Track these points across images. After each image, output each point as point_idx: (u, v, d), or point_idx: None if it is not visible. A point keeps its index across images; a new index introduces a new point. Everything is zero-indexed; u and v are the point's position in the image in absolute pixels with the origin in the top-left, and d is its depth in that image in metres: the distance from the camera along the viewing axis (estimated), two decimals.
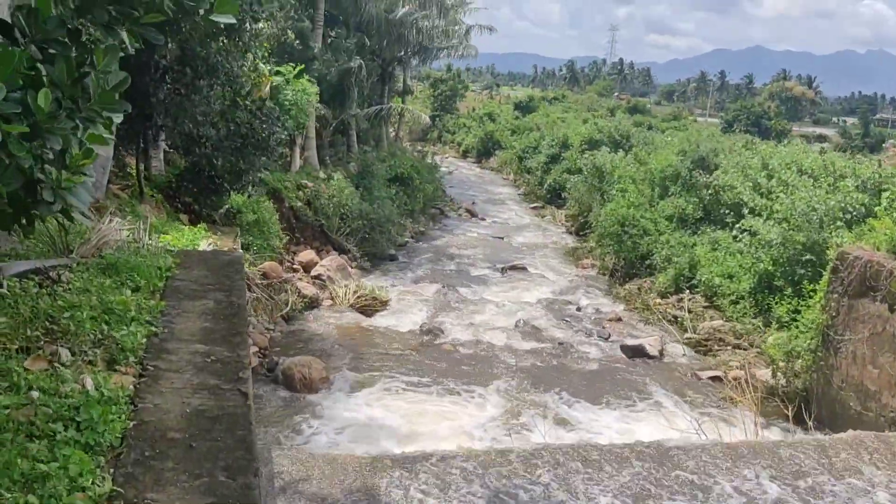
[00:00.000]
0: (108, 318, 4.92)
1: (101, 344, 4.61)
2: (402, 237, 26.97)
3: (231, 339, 4.83)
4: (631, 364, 15.72)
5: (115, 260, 6.09)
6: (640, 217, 23.10)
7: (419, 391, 13.41)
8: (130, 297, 5.36)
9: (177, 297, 5.62)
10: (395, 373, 14.18)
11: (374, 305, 18.49)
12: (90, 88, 3.58)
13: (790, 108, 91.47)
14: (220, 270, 6.35)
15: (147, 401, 3.97)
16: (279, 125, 16.64)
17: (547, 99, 72.61)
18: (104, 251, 6.59)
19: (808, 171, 19.00)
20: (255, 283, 10.94)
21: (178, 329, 4.98)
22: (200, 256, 6.73)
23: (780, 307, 14.53)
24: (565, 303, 20.96)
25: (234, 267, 6.45)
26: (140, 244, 7.29)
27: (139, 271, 5.90)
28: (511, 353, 15.88)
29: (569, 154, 37.54)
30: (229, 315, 5.29)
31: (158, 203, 16.29)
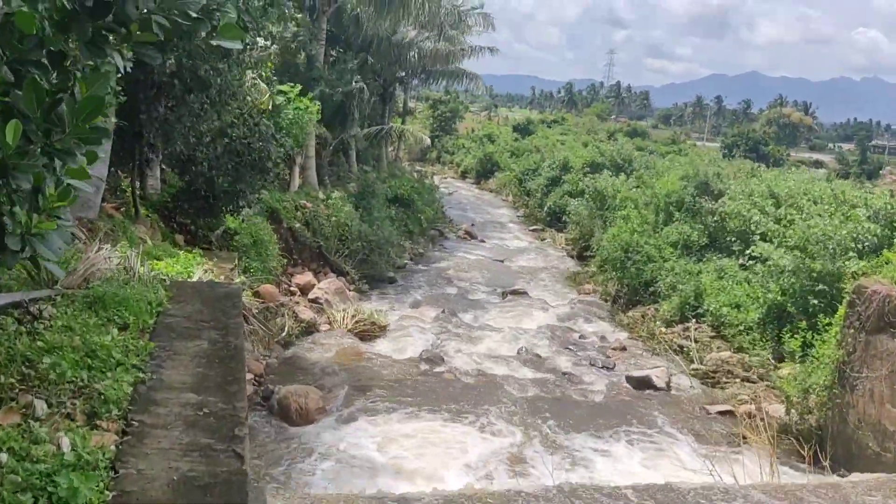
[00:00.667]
0: (91, 363, 4.47)
1: (81, 393, 4.17)
2: (401, 259, 26.54)
3: (226, 388, 4.39)
4: (637, 396, 15.25)
5: (102, 293, 5.65)
6: (644, 243, 22.72)
7: (420, 423, 12.92)
8: (117, 337, 4.92)
9: (168, 336, 5.17)
10: (394, 403, 13.69)
11: (373, 330, 18.03)
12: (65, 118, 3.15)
13: (788, 134, 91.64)
14: (217, 305, 5.90)
15: (130, 465, 3.51)
16: (275, 142, 16.23)
17: (546, 121, 72.57)
18: (92, 282, 6.16)
19: (817, 200, 18.67)
20: (253, 314, 10.47)
21: (169, 375, 4.54)
22: (195, 288, 6.29)
23: (793, 341, 14.07)
24: (568, 330, 20.51)
25: (231, 301, 6.02)
26: (131, 273, 6.86)
27: (128, 306, 5.46)
28: (514, 383, 15.41)
29: (570, 177, 37.24)
30: (225, 358, 4.85)
31: (153, 223, 15.86)
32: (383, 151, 38.83)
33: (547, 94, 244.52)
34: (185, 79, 14.55)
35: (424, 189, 34.18)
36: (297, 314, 17.05)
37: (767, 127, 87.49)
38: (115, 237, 13.02)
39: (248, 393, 11.35)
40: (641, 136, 64.20)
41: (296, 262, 22.07)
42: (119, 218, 14.38)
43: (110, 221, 13.70)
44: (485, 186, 55.61)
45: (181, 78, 14.56)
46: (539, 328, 20.38)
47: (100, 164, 13.86)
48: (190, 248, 16.81)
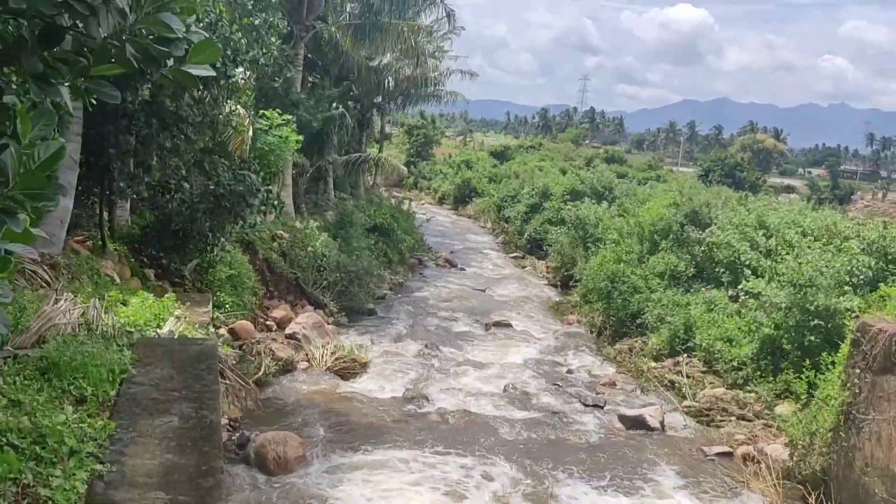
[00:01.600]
0: (39, 453, 3.75)
1: (25, 495, 3.45)
2: (381, 289, 25.82)
3: (200, 483, 3.69)
4: (631, 437, 14.63)
5: (58, 357, 4.93)
6: (630, 273, 22.26)
7: (405, 472, 12.18)
8: (73, 416, 4.21)
9: (132, 411, 4.47)
10: (378, 448, 12.94)
11: (354, 367, 17.27)
12: (7, 169, 2.50)
13: (762, 159, 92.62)
14: (189, 368, 5.21)
15: None
16: (256, 189, 15.53)
17: (524, 147, 72.48)
18: (48, 338, 5.43)
19: (808, 232, 18.33)
20: (229, 367, 9.67)
21: (132, 465, 3.83)
22: (165, 348, 5.58)
23: (799, 383, 13.56)
24: (554, 364, 19.90)
25: (205, 363, 5.33)
26: (95, 326, 6.13)
27: (87, 373, 4.76)
28: (503, 423, 14.72)
29: (550, 204, 36.85)
30: (199, 440, 4.15)
31: (122, 257, 15.05)
32: (360, 178, 38.23)
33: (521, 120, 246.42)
34: (159, 113, 13.87)
35: (403, 217, 33.55)
36: (274, 352, 16.26)
37: (742, 152, 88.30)
38: (80, 275, 12.24)
39: (222, 440, 10.57)
40: (618, 161, 64.26)
41: (272, 294, 21.30)
42: (85, 254, 13.57)
43: (76, 257, 12.90)
44: (463, 212, 55.16)
45: (156, 113, 13.89)
46: (525, 362, 19.77)
47: (65, 196, 13.10)
48: (161, 282, 16.04)
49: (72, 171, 13.23)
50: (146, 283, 15.28)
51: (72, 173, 13.21)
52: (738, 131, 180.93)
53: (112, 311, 6.90)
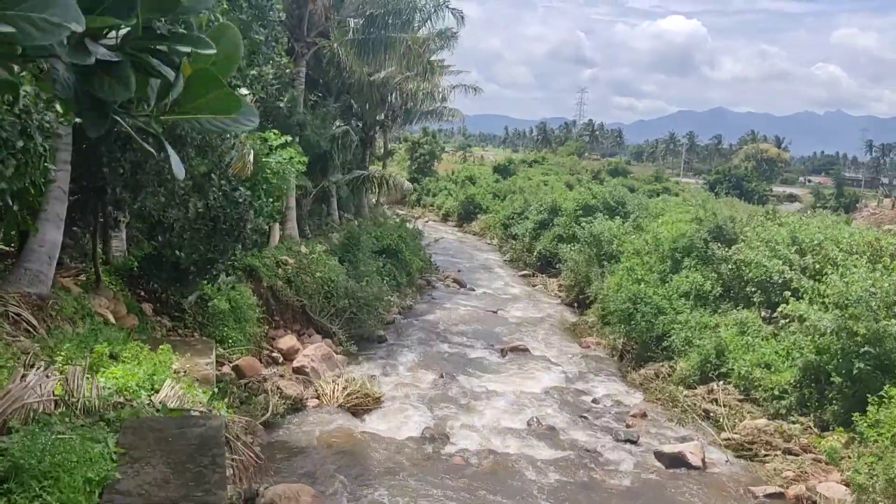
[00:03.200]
0: None
1: None
2: (390, 314, 24.71)
3: None
4: (671, 476, 13.50)
5: (21, 457, 3.83)
6: (652, 293, 21.16)
7: None
8: None
9: None
10: (398, 501, 11.81)
11: (367, 403, 16.15)
12: None
13: (766, 169, 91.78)
14: (189, 463, 4.13)
15: None
16: (252, 210, 14.49)
17: (527, 161, 71.60)
18: (14, 425, 4.36)
19: (849, 248, 17.24)
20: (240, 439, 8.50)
21: None
22: (159, 433, 4.49)
23: (863, 419, 12.42)
24: (577, 392, 18.78)
25: (209, 454, 4.25)
26: (73, 402, 5.05)
27: (58, 483, 3.65)
28: (530, 464, 13.59)
29: (561, 220, 35.81)
30: None
31: (117, 293, 13.97)
32: (364, 197, 37.26)
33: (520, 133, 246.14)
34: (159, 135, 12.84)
35: (410, 236, 32.47)
36: (282, 389, 15.16)
37: (746, 162, 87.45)
38: (70, 317, 11.17)
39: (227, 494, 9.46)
40: (623, 174, 63.34)
41: (277, 323, 20.21)
42: (76, 291, 12.50)
43: (65, 296, 11.83)
44: (468, 229, 54.12)
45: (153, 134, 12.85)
46: (546, 391, 18.66)
47: (52, 229, 12.03)
48: (159, 317, 14.98)
49: (60, 202, 12.20)
50: (144, 319, 14.22)
51: (60, 205, 12.19)
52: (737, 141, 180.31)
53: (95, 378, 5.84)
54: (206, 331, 15.76)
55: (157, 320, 14.84)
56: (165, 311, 15.41)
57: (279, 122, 21.70)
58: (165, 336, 14.67)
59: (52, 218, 11.97)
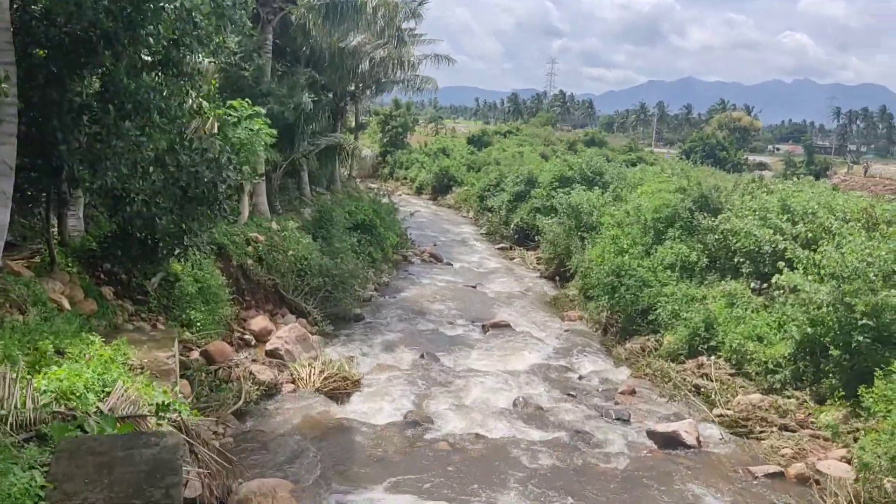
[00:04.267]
0: None
1: None
2: (366, 291, 23.87)
3: None
4: (666, 457, 12.93)
5: None
6: (636, 266, 20.56)
7: None
8: None
9: None
10: (382, 491, 11.10)
11: (345, 387, 15.37)
12: None
13: (739, 137, 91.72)
14: (137, 495, 3.30)
15: None
16: (231, 168, 13.51)
17: (501, 132, 70.60)
18: None
19: (843, 217, 16.69)
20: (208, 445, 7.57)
21: None
22: (101, 458, 3.64)
23: (870, 395, 11.89)
24: (562, 369, 18.17)
25: (163, 481, 3.43)
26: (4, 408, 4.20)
27: None
28: (521, 449, 12.93)
29: (538, 192, 35.10)
30: None
31: (74, 276, 12.97)
32: (336, 171, 36.15)
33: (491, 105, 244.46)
34: (117, 101, 11.77)
35: (385, 211, 31.52)
36: (254, 375, 14.32)
37: (719, 131, 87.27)
38: (19, 305, 10.21)
39: (196, 494, 8.66)
40: (599, 144, 62.66)
41: (248, 304, 19.29)
42: (27, 276, 11.50)
43: (14, 282, 10.84)
44: (442, 203, 53.24)
45: (112, 101, 11.79)
46: (531, 368, 18.03)
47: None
48: (121, 301, 14.02)
49: (6, 178, 11.10)
50: (103, 304, 13.25)
51: (6, 181, 11.09)
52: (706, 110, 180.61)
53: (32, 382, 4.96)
54: (171, 314, 14.84)
55: (118, 304, 13.87)
56: (127, 294, 14.44)
57: (244, 93, 20.55)
58: (128, 320, 13.74)
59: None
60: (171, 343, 8.88)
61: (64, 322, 9.28)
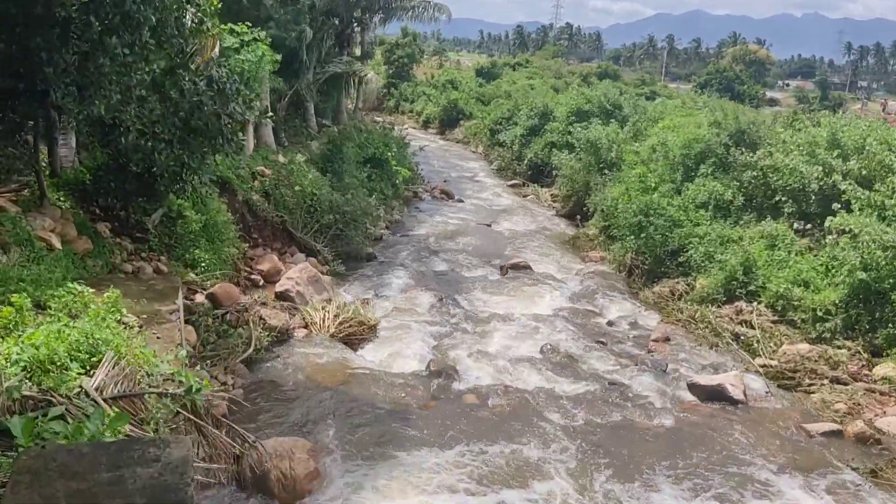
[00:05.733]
0: None
1: None
2: (377, 229, 22.69)
3: None
4: (711, 413, 11.97)
5: None
6: (666, 205, 19.34)
7: (446, 486, 9.42)
8: None
9: None
10: (408, 449, 10.16)
11: (361, 332, 14.36)
12: None
13: (755, 71, 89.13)
14: None
15: None
16: (238, 101, 12.21)
17: (510, 64, 68.25)
18: None
19: None
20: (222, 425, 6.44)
21: None
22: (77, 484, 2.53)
23: None
24: (589, 313, 17.16)
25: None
26: None
27: None
28: (552, 402, 11.97)
29: (553, 126, 33.57)
30: None
31: (66, 212, 11.82)
32: (342, 103, 34.54)
33: (495, 38, 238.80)
34: (104, 15, 10.39)
35: (395, 145, 30.05)
36: (264, 319, 13.27)
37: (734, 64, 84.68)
38: (5, 240, 9.07)
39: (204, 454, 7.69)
40: (613, 77, 60.51)
41: (256, 242, 18.18)
42: (13, 211, 10.34)
43: (0, 215, 9.69)
44: (450, 137, 51.55)
45: (98, 14, 10.41)
46: (555, 312, 17.02)
47: None
48: (119, 239, 12.89)
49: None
50: (99, 242, 12.14)
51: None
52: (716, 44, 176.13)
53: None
54: (174, 253, 13.75)
55: (116, 242, 12.77)
56: (125, 231, 13.32)
57: (243, 18, 18.99)
58: (126, 260, 12.66)
59: None
60: (175, 293, 7.66)
61: (50, 266, 8.15)
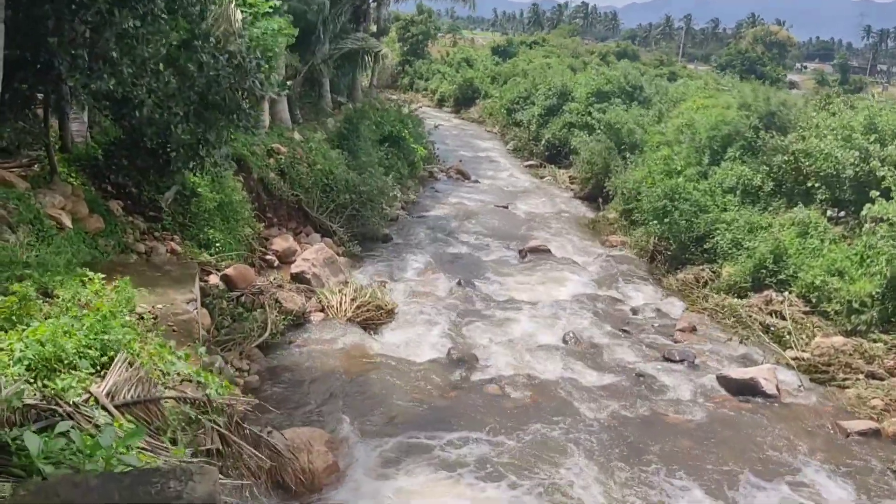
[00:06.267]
0: None
1: None
2: (393, 209, 22.19)
3: None
4: (742, 408, 11.51)
5: None
6: (692, 189, 18.77)
7: (469, 481, 9.03)
8: None
9: None
10: (430, 441, 9.77)
11: (379, 316, 13.94)
12: None
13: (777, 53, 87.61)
14: None
15: None
16: (257, 75, 11.72)
17: (526, 43, 67.21)
18: None
19: None
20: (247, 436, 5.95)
21: None
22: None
23: None
24: (611, 300, 16.68)
25: None
26: None
27: None
28: (578, 394, 11.54)
29: (573, 106, 32.89)
30: None
31: (77, 188, 11.41)
32: (357, 80, 33.95)
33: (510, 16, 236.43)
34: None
35: (412, 123, 29.44)
36: (280, 302, 12.88)
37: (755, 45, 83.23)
38: (13, 219, 8.67)
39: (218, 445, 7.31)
40: (632, 57, 59.44)
41: (270, 221, 17.75)
42: (22, 188, 9.93)
43: (8, 195, 9.28)
44: (465, 116, 50.81)
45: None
46: (576, 298, 16.54)
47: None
48: (131, 217, 12.50)
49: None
50: (111, 220, 11.75)
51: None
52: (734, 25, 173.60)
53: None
54: (188, 232, 13.35)
55: (128, 221, 12.38)
56: (138, 209, 12.91)
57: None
58: (139, 239, 12.28)
59: None
60: (190, 279, 7.15)
61: (59, 246, 7.74)
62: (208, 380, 4.63)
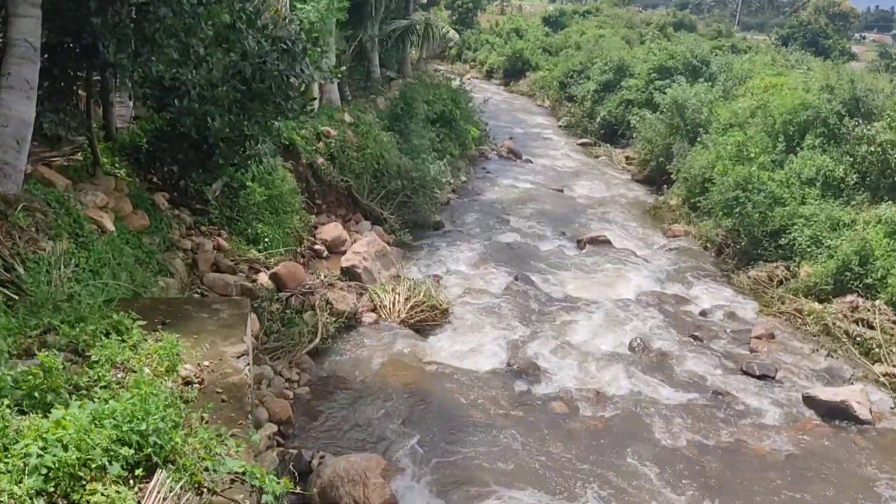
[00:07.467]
0: None
1: None
2: (444, 193, 21.23)
3: None
4: (833, 435, 10.49)
5: None
6: (767, 179, 17.49)
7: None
8: None
9: None
10: (493, 474, 8.96)
11: (433, 317, 13.14)
12: None
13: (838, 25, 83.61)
14: None
15: None
16: (306, 61, 10.89)
17: (579, 12, 65.08)
18: None
19: None
20: None
21: None
22: None
23: None
24: (679, 300, 15.65)
25: None
26: None
27: None
28: (651, 415, 10.62)
29: (632, 83, 31.43)
30: None
31: (120, 182, 10.76)
32: (407, 53, 32.86)
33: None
34: None
35: (461, 99, 28.27)
36: (331, 304, 12.15)
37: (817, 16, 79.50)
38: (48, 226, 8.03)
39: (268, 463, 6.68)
40: (689, 28, 57.03)
41: (319, 208, 17.04)
42: (62, 185, 9.28)
43: (46, 194, 8.63)
44: (515, 89, 49.40)
45: None
46: (640, 297, 15.57)
47: (19, 101, 8.55)
48: (178, 211, 11.86)
49: (29, 63, 8.67)
50: (157, 215, 11.13)
51: (29, 66, 8.66)
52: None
53: None
54: (236, 227, 12.70)
55: (174, 215, 11.75)
56: (184, 202, 12.26)
57: None
58: (185, 235, 11.66)
59: (16, 85, 8.50)
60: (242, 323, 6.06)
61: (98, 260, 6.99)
62: (263, 481, 3.88)
